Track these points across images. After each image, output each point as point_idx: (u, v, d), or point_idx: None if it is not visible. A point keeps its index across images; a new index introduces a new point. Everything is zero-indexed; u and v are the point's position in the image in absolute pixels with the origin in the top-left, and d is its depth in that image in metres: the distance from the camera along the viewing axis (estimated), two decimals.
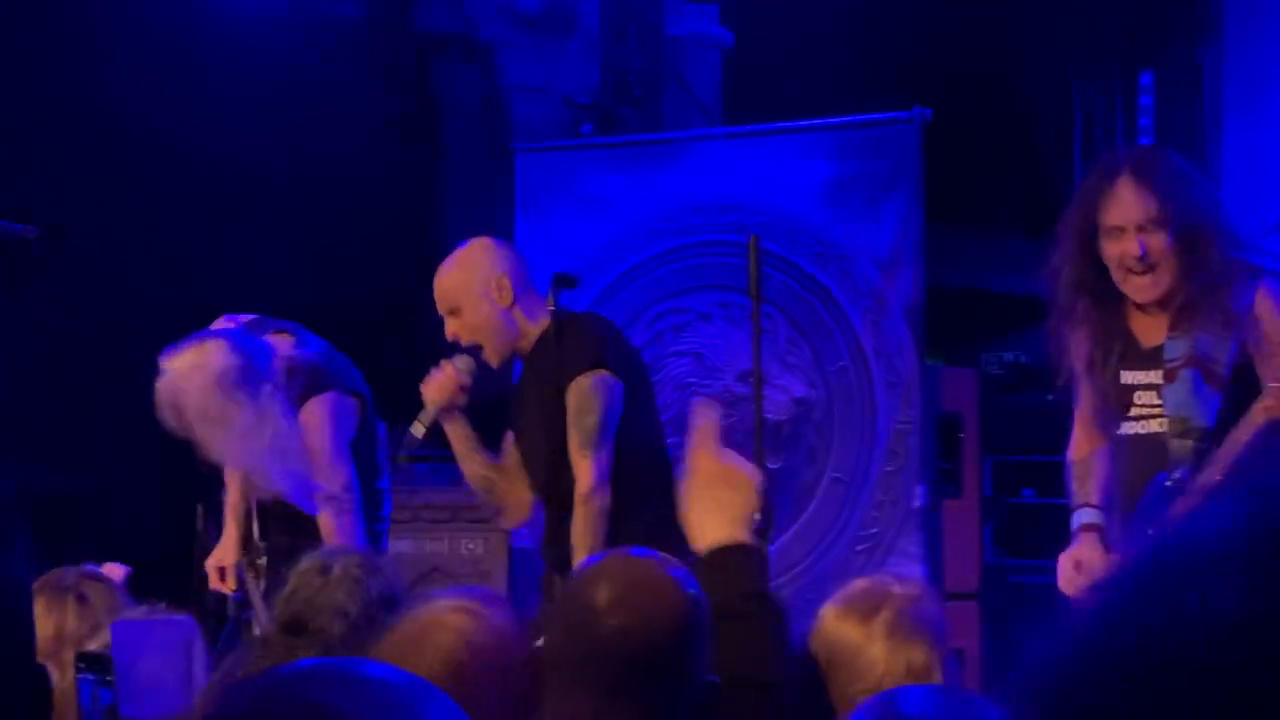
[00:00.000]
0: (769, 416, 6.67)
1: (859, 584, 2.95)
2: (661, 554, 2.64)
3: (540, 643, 2.58)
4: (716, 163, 7.36)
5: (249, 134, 7.44)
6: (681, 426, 7.16)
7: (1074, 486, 4.35)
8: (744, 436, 7.11)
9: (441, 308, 4.85)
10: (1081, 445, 4.38)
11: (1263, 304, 4.07)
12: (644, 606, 2.47)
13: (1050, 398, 9.39)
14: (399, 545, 6.63)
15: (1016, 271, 10.98)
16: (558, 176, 7.54)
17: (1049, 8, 9.40)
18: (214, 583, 5.19)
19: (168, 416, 4.76)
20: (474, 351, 4.84)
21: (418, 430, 4.82)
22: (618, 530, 4.62)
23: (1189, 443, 4.08)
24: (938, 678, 2.77)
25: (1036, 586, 7.10)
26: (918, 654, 2.76)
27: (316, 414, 4.98)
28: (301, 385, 4.98)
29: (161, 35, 7.45)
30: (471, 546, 7.21)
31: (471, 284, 4.79)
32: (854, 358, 7.04)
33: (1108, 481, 4.29)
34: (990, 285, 10.77)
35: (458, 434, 4.89)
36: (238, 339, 4.94)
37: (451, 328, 4.82)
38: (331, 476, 4.94)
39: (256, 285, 6.44)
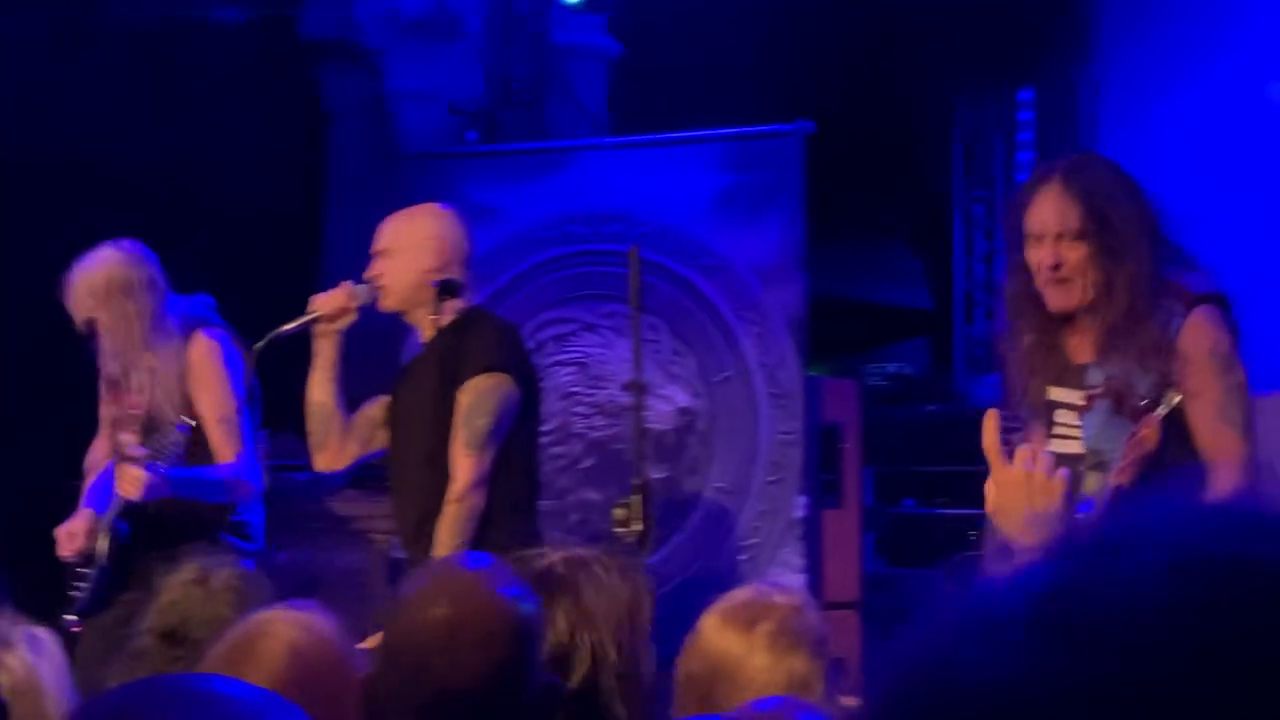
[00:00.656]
0: (653, 426, 6.70)
1: (739, 594, 2.94)
2: (495, 566, 2.61)
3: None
4: (602, 172, 7.38)
5: (132, 140, 7.36)
6: (566, 436, 7.21)
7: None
8: (628, 446, 7.13)
9: (378, 244, 4.82)
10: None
11: (1188, 336, 3.89)
12: (473, 632, 2.44)
13: (931, 409, 9.51)
14: (277, 557, 6.57)
15: (899, 283, 11.12)
16: (442, 184, 7.51)
17: (932, 24, 9.50)
18: (61, 548, 5.14)
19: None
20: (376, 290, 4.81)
21: (285, 328, 4.75)
22: (484, 536, 4.59)
23: (1102, 475, 3.90)
24: (819, 688, 2.78)
25: (917, 595, 7.17)
26: (799, 664, 2.77)
27: (204, 344, 5.19)
28: (187, 326, 5.22)
29: (44, 40, 7.36)
30: (351, 558, 7.16)
31: (417, 235, 4.77)
32: (738, 369, 7.08)
33: None
34: (873, 297, 10.88)
35: (324, 353, 4.81)
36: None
37: (377, 267, 4.79)
38: (225, 399, 5.10)
39: None
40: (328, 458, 4.92)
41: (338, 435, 4.86)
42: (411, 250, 4.75)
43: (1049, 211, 3.93)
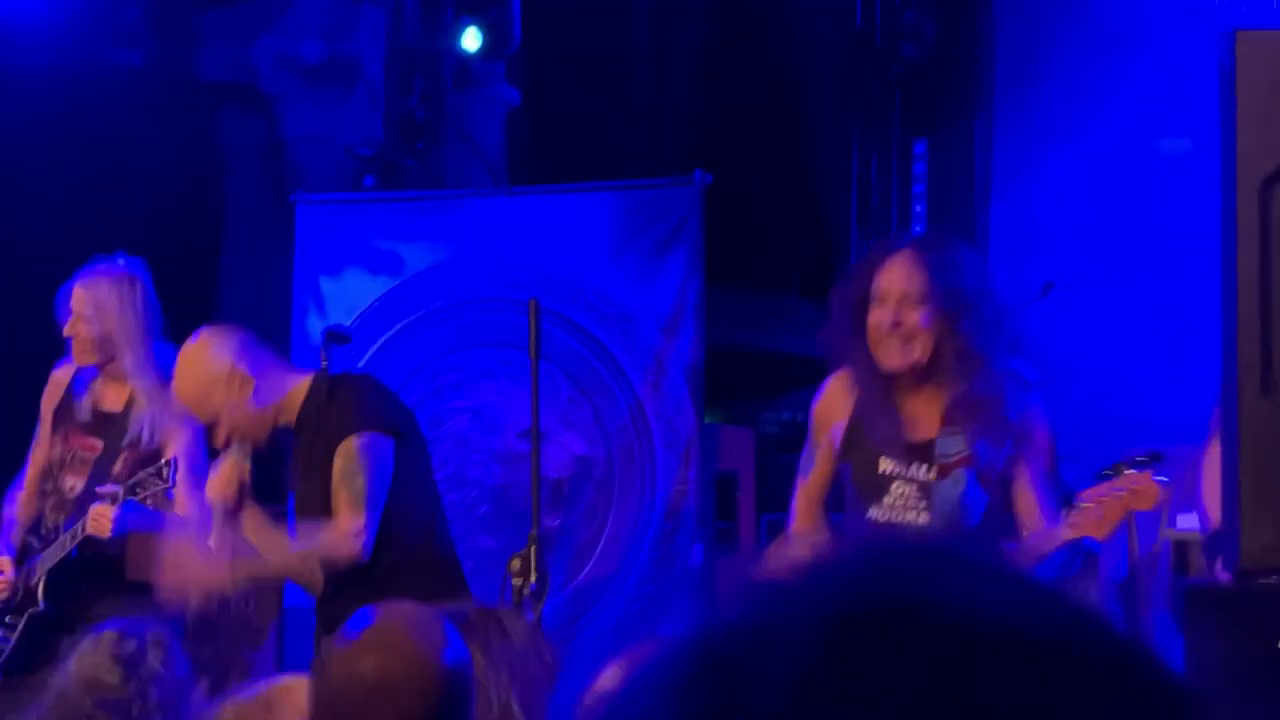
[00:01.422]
0: (550, 474, 6.69)
1: (641, 647, 2.96)
2: (422, 619, 2.62)
3: None
4: (500, 220, 7.37)
5: (28, 180, 7.28)
6: (461, 482, 7.18)
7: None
8: (524, 493, 7.12)
9: (197, 417, 4.80)
10: (805, 518, 4.40)
11: (1034, 421, 4.11)
12: (404, 685, 2.45)
13: None
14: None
15: (794, 331, 11.17)
16: (337, 228, 7.48)
17: (829, 75, 9.60)
18: None
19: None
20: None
21: (211, 538, 4.71)
22: (387, 589, 4.57)
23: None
24: None
25: None
26: None
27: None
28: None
29: None
30: (242, 604, 7.10)
31: (210, 392, 4.68)
32: (634, 417, 7.09)
33: None
34: (768, 345, 10.92)
35: (254, 525, 4.74)
36: None
37: (220, 435, 4.73)
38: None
39: (35, 331, 6.29)
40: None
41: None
42: (217, 406, 4.68)
43: (897, 273, 4.09)
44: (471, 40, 8.49)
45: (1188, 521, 5.94)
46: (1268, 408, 2.71)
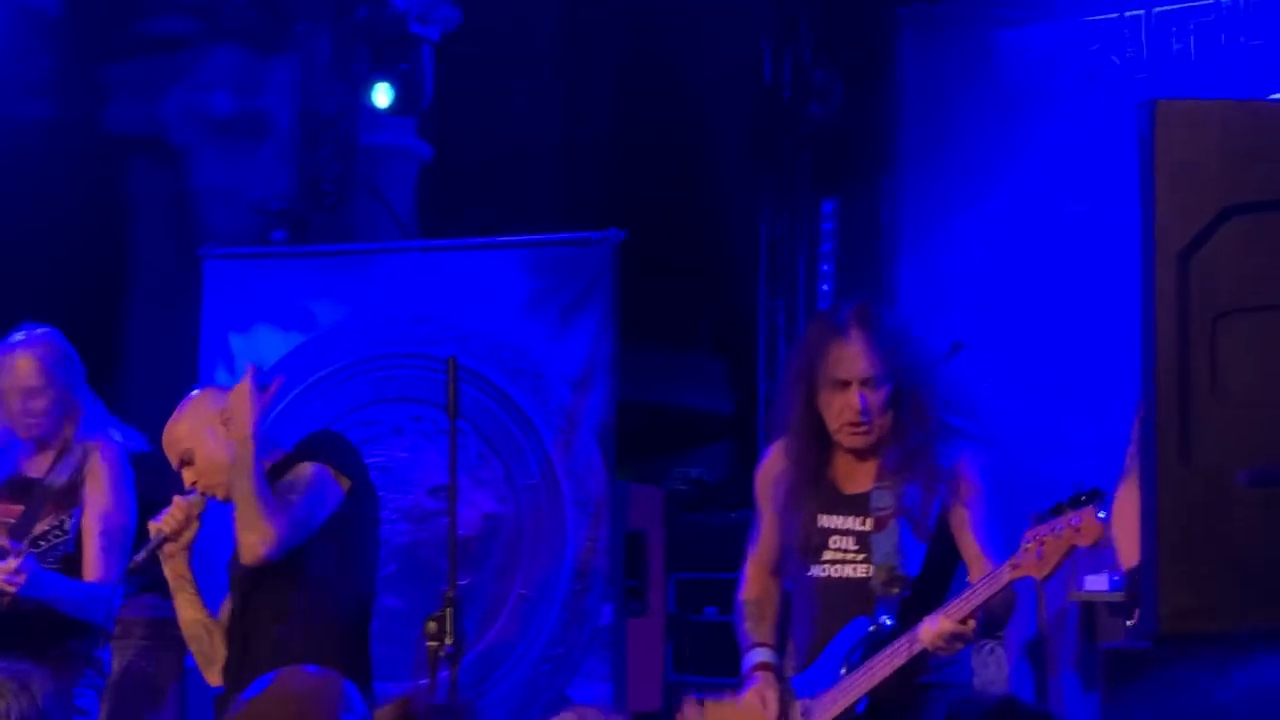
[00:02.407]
0: (459, 533, 6.64)
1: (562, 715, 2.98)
2: (323, 681, 2.60)
3: None
4: (411, 275, 7.35)
5: None
6: None
7: (747, 626, 4.40)
8: (432, 552, 7.07)
9: (173, 458, 4.74)
10: (755, 585, 4.46)
11: (965, 467, 4.21)
12: None
13: (733, 515, 9.56)
14: None
15: (703, 389, 11.19)
16: (248, 283, 7.43)
17: (739, 133, 9.65)
18: None
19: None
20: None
21: (138, 557, 4.64)
22: (304, 636, 4.53)
23: (894, 590, 4.17)
24: None
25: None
26: None
27: (110, 452, 5.28)
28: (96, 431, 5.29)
29: None
30: (143, 663, 7.01)
31: (201, 429, 4.69)
32: (545, 475, 7.07)
33: (780, 623, 4.38)
34: (676, 401, 10.93)
35: (177, 571, 4.72)
36: None
37: (189, 477, 4.70)
38: (115, 513, 5.18)
39: None
40: (218, 671, 4.80)
41: (218, 647, 4.77)
42: (205, 445, 4.68)
43: (854, 359, 4.21)
44: (383, 97, 8.48)
45: (1096, 583, 6.00)
46: (1186, 475, 2.74)
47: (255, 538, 4.49)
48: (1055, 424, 8.22)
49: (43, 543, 5.09)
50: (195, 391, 4.89)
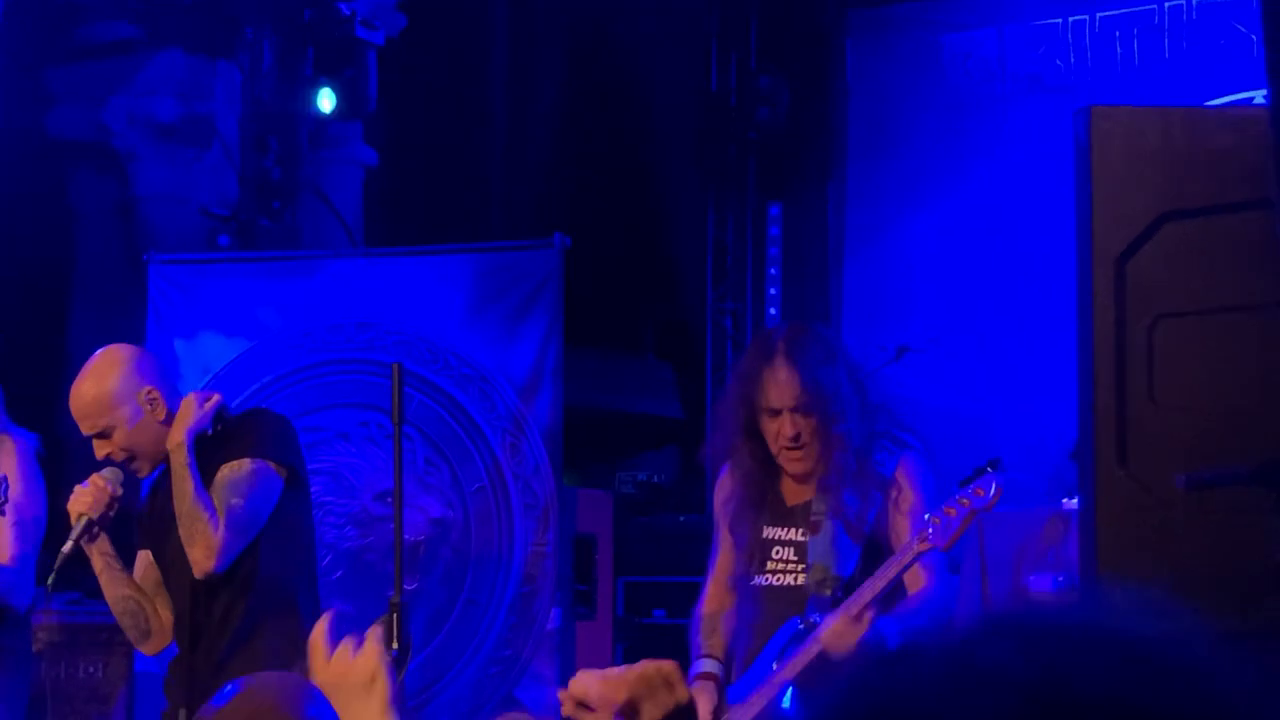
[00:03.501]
0: (407, 537, 6.64)
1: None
2: (290, 685, 2.60)
3: None
4: (356, 280, 7.34)
5: None
6: (316, 546, 7.10)
7: (700, 639, 4.52)
8: (380, 557, 7.07)
9: (88, 429, 4.58)
10: (713, 601, 4.57)
11: (902, 472, 4.35)
12: None
13: (681, 519, 9.60)
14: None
15: (649, 392, 11.23)
16: (192, 288, 7.40)
17: (686, 141, 9.68)
18: None
19: None
20: (122, 464, 4.64)
21: (66, 547, 4.55)
22: (261, 637, 4.50)
23: (827, 591, 4.30)
24: None
25: None
26: None
27: (19, 445, 5.16)
28: None
29: None
30: (91, 670, 6.97)
31: (120, 404, 4.54)
32: (492, 479, 7.07)
33: (732, 637, 4.49)
34: (623, 406, 10.96)
35: (101, 552, 4.58)
36: None
37: (104, 449, 4.57)
38: (30, 505, 5.11)
39: None
40: (155, 641, 4.72)
41: (154, 615, 4.68)
42: (123, 420, 4.54)
43: (782, 387, 4.34)
44: (327, 102, 8.45)
45: (1040, 583, 6.04)
46: (1124, 478, 2.77)
47: (201, 554, 4.43)
48: (998, 426, 8.28)
49: None
50: (109, 352, 4.68)
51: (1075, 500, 5.36)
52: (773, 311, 9.96)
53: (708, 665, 4.45)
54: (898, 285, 9.11)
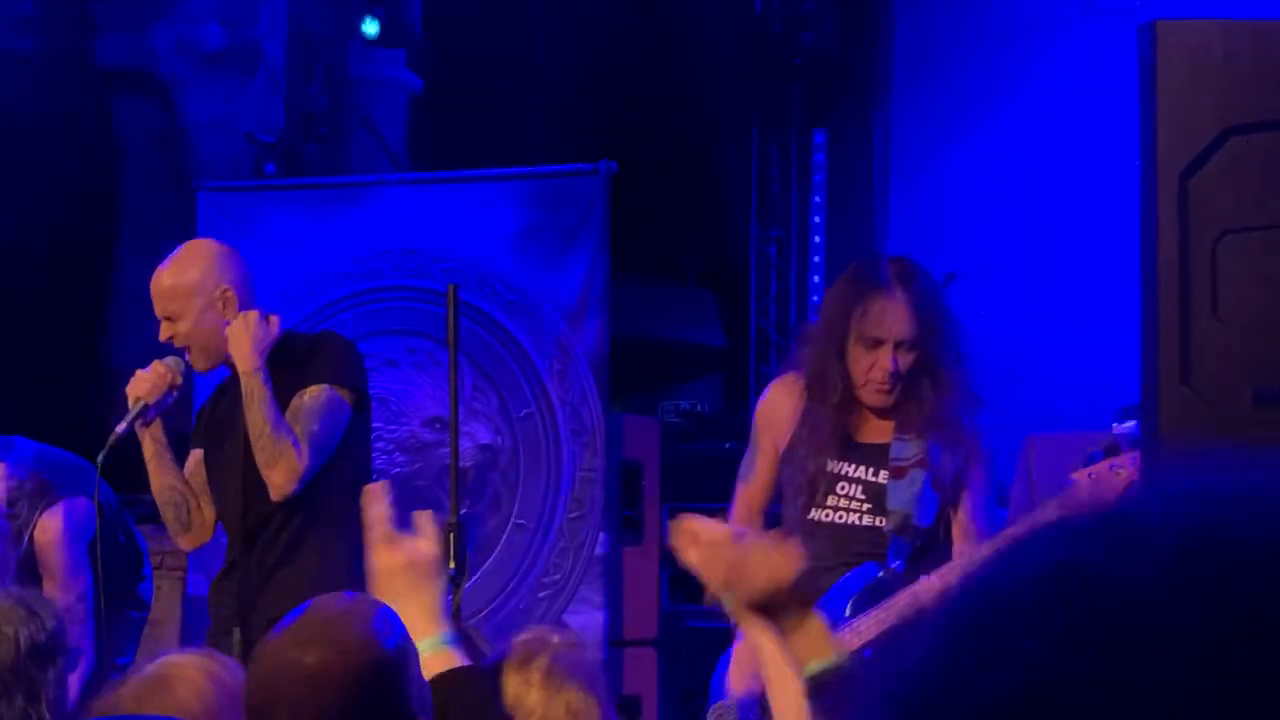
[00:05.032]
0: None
1: (521, 636, 3.01)
2: (361, 602, 2.63)
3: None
4: (403, 207, 7.34)
5: None
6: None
7: None
8: (429, 483, 7.10)
9: (160, 311, 4.62)
10: (741, 522, 4.33)
11: (981, 435, 4.19)
12: (341, 675, 2.45)
13: (726, 447, 9.61)
14: None
15: (692, 321, 11.22)
16: (240, 216, 7.42)
17: (731, 67, 9.63)
18: None
19: None
20: (182, 353, 4.67)
21: (120, 428, 4.54)
22: (313, 552, 4.54)
23: (906, 538, 4.15)
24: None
25: (711, 633, 7.22)
26: (575, 698, 2.83)
27: (50, 530, 5.03)
28: (27, 507, 4.93)
29: None
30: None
31: (194, 295, 4.57)
32: (540, 405, 7.09)
33: None
34: (666, 334, 10.95)
35: (154, 439, 4.62)
36: None
37: (168, 331, 4.61)
38: (67, 588, 4.94)
39: None
40: (194, 536, 4.76)
41: (196, 510, 4.71)
42: (195, 311, 4.57)
43: (892, 320, 4.14)
44: (371, 28, 8.45)
45: None
46: (1187, 395, 2.76)
47: (283, 478, 4.47)
48: (1048, 351, 8.26)
49: None
50: (199, 244, 4.76)
51: (1127, 425, 5.34)
52: (817, 239, 9.92)
53: None
54: (945, 212, 9.07)
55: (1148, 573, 0.76)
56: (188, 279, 4.60)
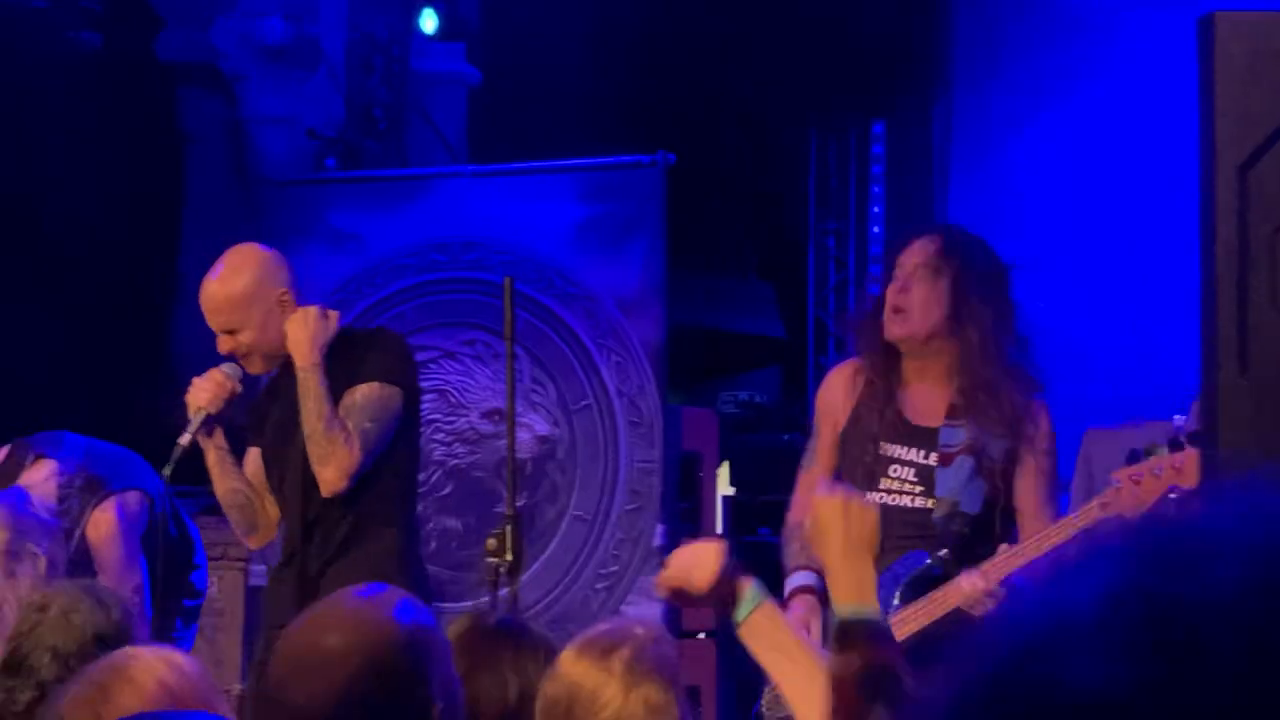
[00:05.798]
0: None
1: (600, 626, 3.01)
2: (384, 590, 2.66)
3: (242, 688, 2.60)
4: (461, 200, 7.38)
5: None
6: (425, 463, 7.17)
7: (795, 548, 4.30)
8: (487, 474, 7.14)
9: (219, 325, 4.60)
10: (804, 508, 4.40)
11: (1038, 419, 4.17)
12: (367, 661, 2.48)
13: (785, 438, 9.62)
14: None
15: (750, 312, 11.22)
16: (302, 210, 7.48)
17: (787, 57, 9.61)
18: None
19: None
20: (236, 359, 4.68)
21: (184, 440, 4.56)
22: (370, 546, 4.57)
23: (954, 526, 4.14)
24: (675, 716, 2.85)
25: None
26: (653, 693, 2.83)
27: (103, 525, 4.99)
28: (78, 504, 4.94)
29: None
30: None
31: (253, 304, 4.57)
32: (597, 397, 7.11)
33: None
34: (724, 325, 10.96)
35: (217, 447, 4.63)
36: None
37: (230, 345, 4.60)
38: (122, 582, 4.90)
39: None
40: (261, 535, 4.78)
41: (261, 510, 4.73)
42: (257, 320, 4.56)
43: (913, 249, 4.20)
44: (430, 22, 8.50)
45: None
46: (1245, 387, 2.75)
47: (334, 474, 4.49)
48: (1107, 341, 8.22)
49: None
50: (243, 251, 4.70)
51: (1185, 417, 5.30)
52: (876, 230, 9.91)
53: (806, 578, 4.23)
54: (1005, 203, 9.02)
55: (1215, 594, 0.76)
56: (244, 288, 4.58)
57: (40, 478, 4.97)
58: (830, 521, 2.69)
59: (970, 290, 4.16)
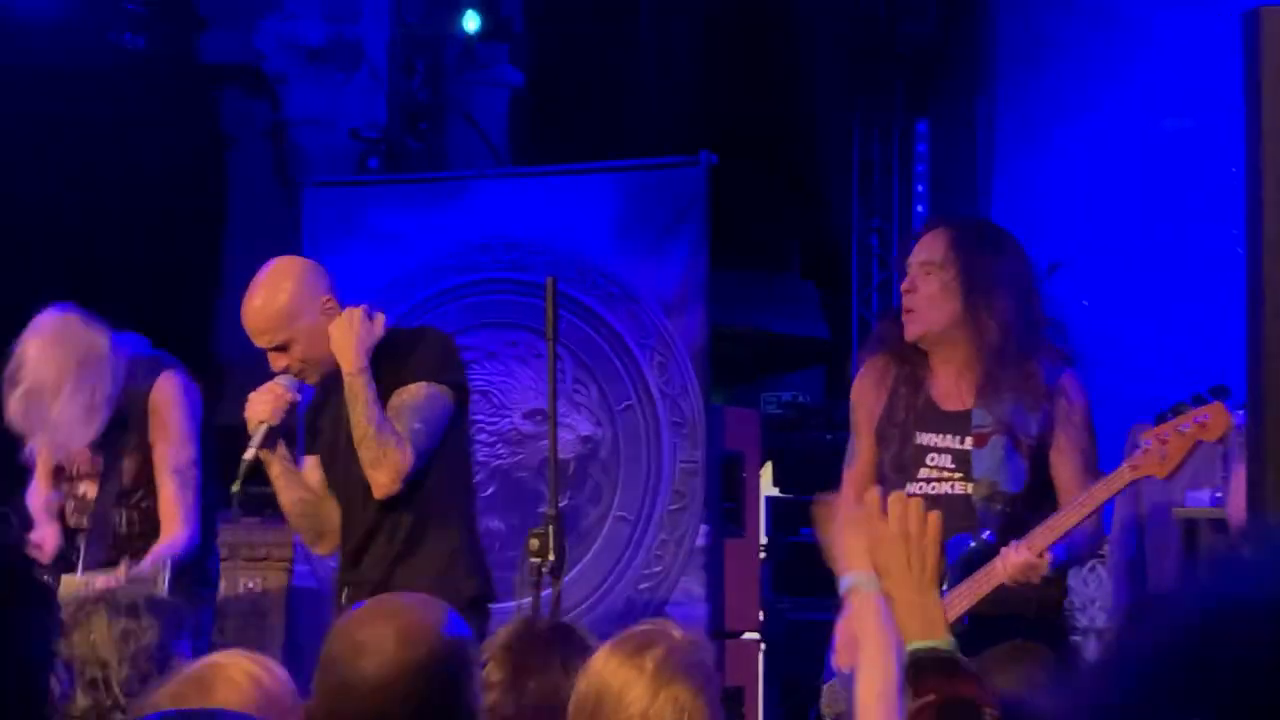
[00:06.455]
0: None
1: (638, 626, 3.00)
2: (432, 601, 2.67)
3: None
4: (504, 201, 7.38)
5: (29, 167, 7.27)
6: None
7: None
8: (530, 474, 7.14)
9: (266, 343, 4.55)
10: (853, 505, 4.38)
11: (1067, 384, 4.14)
12: (412, 668, 2.48)
13: (828, 438, 9.59)
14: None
15: (794, 312, 11.19)
16: (344, 211, 7.49)
17: (832, 57, 9.60)
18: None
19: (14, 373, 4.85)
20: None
21: (249, 455, 4.52)
22: (430, 547, 4.55)
23: (996, 506, 4.11)
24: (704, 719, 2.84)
25: (813, 625, 7.20)
26: (682, 694, 2.82)
27: (167, 389, 4.99)
28: (145, 372, 5.01)
29: None
30: (250, 585, 7.11)
31: (300, 316, 4.52)
32: (640, 397, 7.10)
33: None
34: (768, 325, 10.94)
35: (280, 458, 4.60)
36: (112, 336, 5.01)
37: (281, 361, 4.55)
38: (182, 447, 4.95)
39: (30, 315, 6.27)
40: (329, 542, 4.75)
41: (327, 517, 4.70)
42: (307, 332, 4.51)
43: (921, 245, 4.18)
44: (472, 23, 8.50)
45: (1197, 498, 5.96)
46: None
47: (387, 477, 4.46)
48: (1152, 340, 8.17)
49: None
50: (282, 265, 4.66)
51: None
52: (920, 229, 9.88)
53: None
54: (1048, 200, 8.99)
55: None
56: (287, 302, 4.54)
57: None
58: (892, 559, 2.59)
59: (982, 280, 4.12)
